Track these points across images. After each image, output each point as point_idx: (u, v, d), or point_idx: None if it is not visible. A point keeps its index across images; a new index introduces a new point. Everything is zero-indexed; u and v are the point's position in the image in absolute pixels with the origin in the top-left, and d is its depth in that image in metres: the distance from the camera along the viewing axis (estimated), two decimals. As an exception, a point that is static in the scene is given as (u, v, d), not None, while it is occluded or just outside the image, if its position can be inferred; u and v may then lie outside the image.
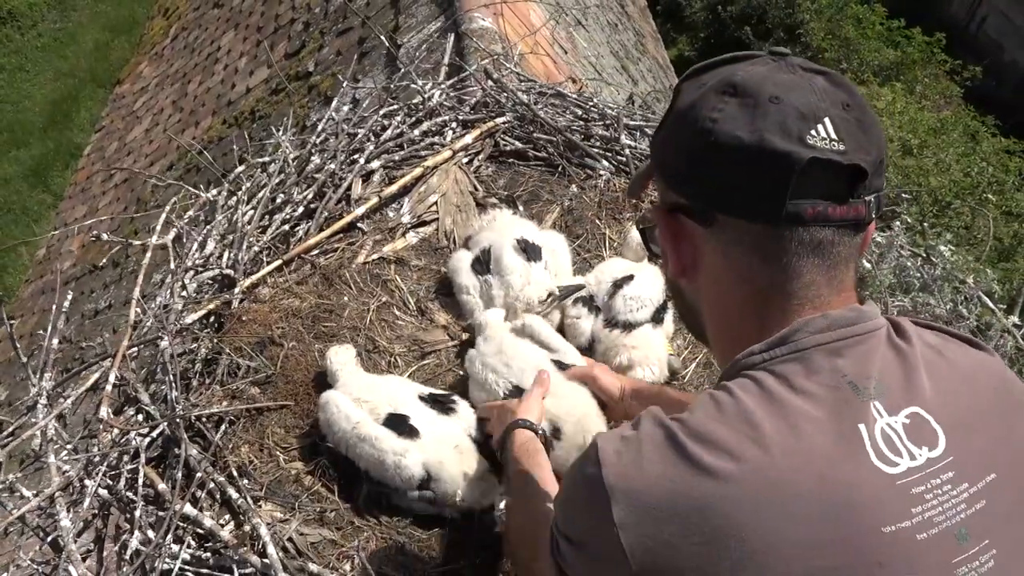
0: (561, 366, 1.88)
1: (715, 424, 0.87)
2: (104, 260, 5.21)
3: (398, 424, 1.71)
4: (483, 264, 2.17)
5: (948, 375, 0.93)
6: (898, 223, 2.17)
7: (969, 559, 0.84)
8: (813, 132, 0.88)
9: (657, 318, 2.04)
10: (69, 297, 2.24)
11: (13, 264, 9.61)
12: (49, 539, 1.78)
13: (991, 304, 2.07)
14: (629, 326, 2.00)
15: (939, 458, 0.87)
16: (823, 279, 0.93)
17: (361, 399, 1.76)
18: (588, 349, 2.07)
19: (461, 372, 2.08)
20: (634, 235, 2.19)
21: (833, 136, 0.89)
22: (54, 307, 2.20)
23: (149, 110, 7.20)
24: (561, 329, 2.12)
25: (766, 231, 0.91)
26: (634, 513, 0.86)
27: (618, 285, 2.06)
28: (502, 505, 1.75)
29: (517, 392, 1.79)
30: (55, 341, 2.09)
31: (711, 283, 1.00)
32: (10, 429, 1.97)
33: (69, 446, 1.89)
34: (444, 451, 1.70)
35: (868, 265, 2.13)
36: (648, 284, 2.06)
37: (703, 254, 0.98)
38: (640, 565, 0.85)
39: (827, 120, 0.90)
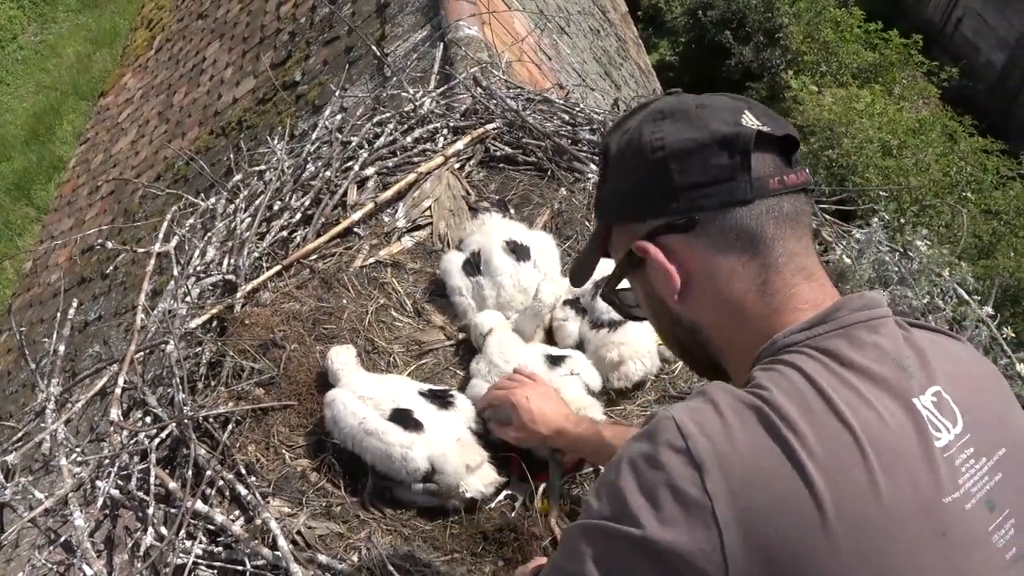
0: (553, 359, 1.96)
1: (789, 398, 0.88)
2: (108, 269, 5.23)
3: (403, 418, 1.77)
4: (473, 266, 2.24)
5: (948, 362, 0.98)
6: (876, 219, 2.26)
7: (998, 527, 0.89)
8: (743, 119, 1.00)
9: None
10: (74, 304, 2.29)
11: (-3, 278, 9.59)
12: (62, 540, 1.83)
13: (966, 295, 2.16)
14: (614, 324, 2.05)
15: (962, 434, 0.91)
16: (801, 248, 1.01)
17: (365, 396, 1.83)
18: (578, 349, 2.13)
19: (459, 371, 2.14)
20: None
21: (757, 121, 1.00)
22: (58, 314, 2.25)
23: (134, 122, 7.21)
24: (549, 331, 2.19)
25: (743, 212, 0.99)
26: (729, 482, 0.83)
27: (599, 286, 2.10)
28: (502, 495, 1.83)
29: None
30: (60, 347, 2.14)
31: (705, 291, 1.03)
32: (19, 434, 2.02)
33: (79, 449, 1.94)
34: (447, 444, 1.76)
35: (848, 260, 2.22)
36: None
37: (693, 263, 1.02)
38: (733, 544, 0.82)
39: (746, 112, 1.02)
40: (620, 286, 1.18)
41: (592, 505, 0.92)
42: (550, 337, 2.17)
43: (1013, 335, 2.13)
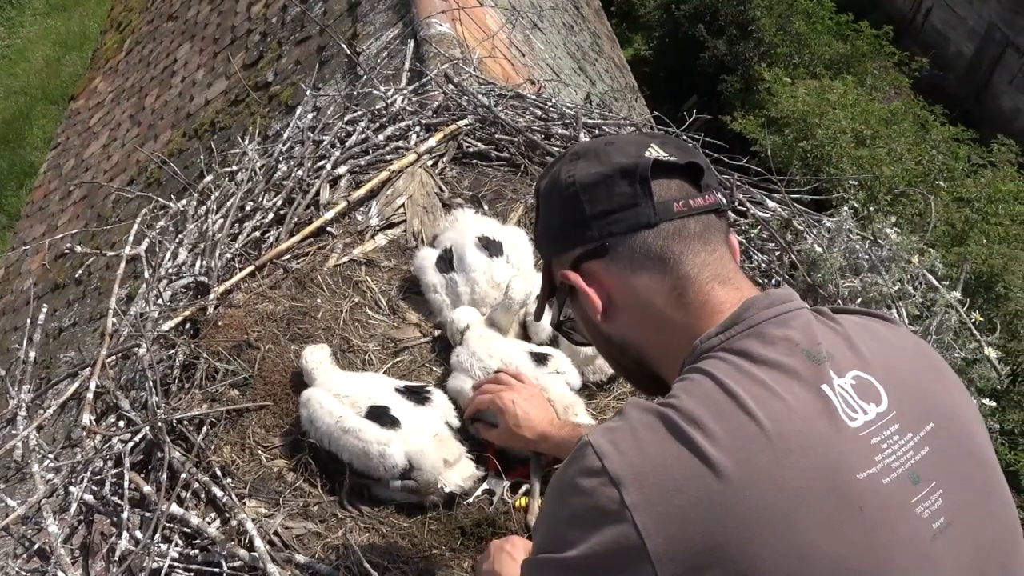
0: (538, 357, 1.97)
1: (698, 401, 0.94)
2: (77, 273, 5.18)
3: (380, 415, 1.77)
4: (447, 262, 2.24)
5: (875, 344, 1.04)
6: (846, 208, 2.28)
7: (923, 499, 0.93)
8: (647, 152, 1.08)
9: None
10: (45, 310, 2.27)
11: (-31, 286, 9.44)
12: (36, 547, 1.81)
13: (935, 281, 2.19)
14: None
15: (885, 412, 0.96)
16: (713, 259, 1.08)
17: (341, 395, 1.82)
18: (552, 344, 2.13)
19: (435, 368, 2.14)
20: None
21: (663, 152, 1.09)
22: (28, 321, 2.23)
23: (106, 125, 7.14)
24: (523, 326, 2.19)
25: (651, 234, 1.06)
26: (645, 493, 0.90)
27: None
28: (480, 490, 1.83)
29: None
30: (32, 354, 2.11)
31: (628, 308, 1.11)
32: (-10, 442, 1.99)
33: (51, 455, 1.92)
34: (424, 440, 1.76)
35: (819, 249, 2.24)
36: None
37: (612, 285, 1.10)
38: (657, 548, 0.88)
39: (653, 145, 1.10)
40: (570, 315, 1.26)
41: (537, 539, 1.05)
42: (524, 332, 2.17)
43: (981, 319, 2.16)
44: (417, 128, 2.80)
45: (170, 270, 2.39)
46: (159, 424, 1.84)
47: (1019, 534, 1.00)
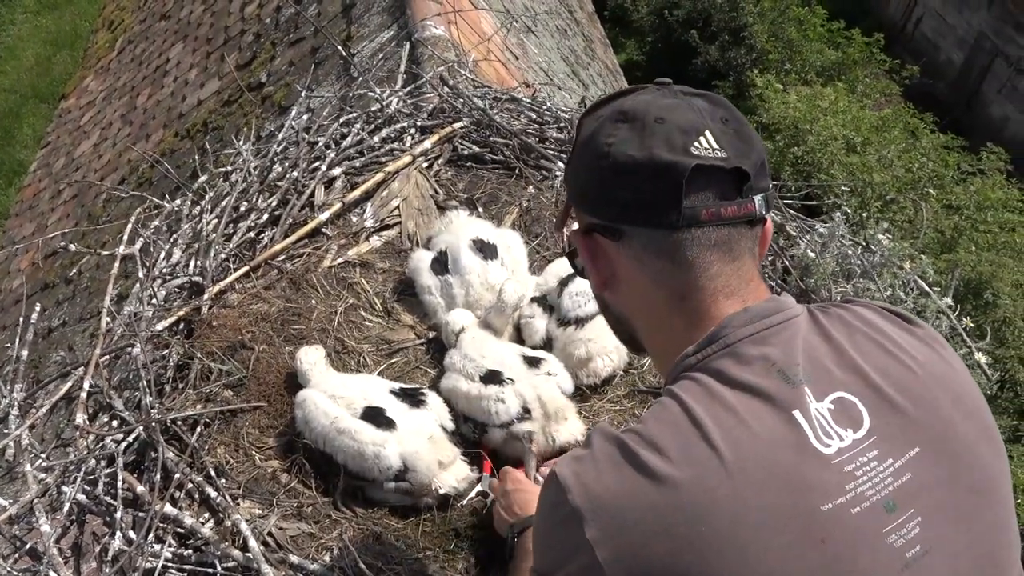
0: (530, 360, 1.97)
1: (663, 428, 0.93)
2: (69, 273, 5.15)
3: (375, 416, 1.78)
4: (442, 264, 2.25)
5: (877, 355, 1.00)
6: (838, 214, 2.30)
7: (897, 527, 0.91)
8: (696, 144, 0.99)
9: None
10: (37, 309, 2.26)
11: (-42, 285, 9.38)
12: (28, 547, 1.80)
13: (926, 287, 2.21)
14: (581, 321, 2.06)
15: (864, 438, 0.94)
16: (730, 269, 1.03)
17: (336, 396, 1.82)
18: (546, 347, 2.14)
19: (430, 369, 2.15)
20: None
21: (715, 145, 0.99)
22: (21, 319, 2.22)
23: (97, 124, 7.11)
24: (518, 329, 2.20)
25: (670, 236, 1.01)
26: (604, 527, 0.90)
27: (563, 283, 2.12)
28: (474, 492, 1.83)
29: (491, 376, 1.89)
30: (24, 353, 2.11)
31: (631, 291, 1.09)
32: (-18, 441, 1.98)
33: (44, 455, 1.92)
34: (419, 442, 1.76)
35: (812, 254, 2.25)
36: None
37: (619, 266, 1.07)
38: None
39: (708, 133, 1.00)
40: None
41: (533, 551, 1.07)
42: (518, 334, 2.18)
43: (972, 325, 2.18)
44: (412, 130, 2.81)
45: (164, 270, 2.38)
46: (153, 424, 1.84)
47: (1013, 565, 0.97)
